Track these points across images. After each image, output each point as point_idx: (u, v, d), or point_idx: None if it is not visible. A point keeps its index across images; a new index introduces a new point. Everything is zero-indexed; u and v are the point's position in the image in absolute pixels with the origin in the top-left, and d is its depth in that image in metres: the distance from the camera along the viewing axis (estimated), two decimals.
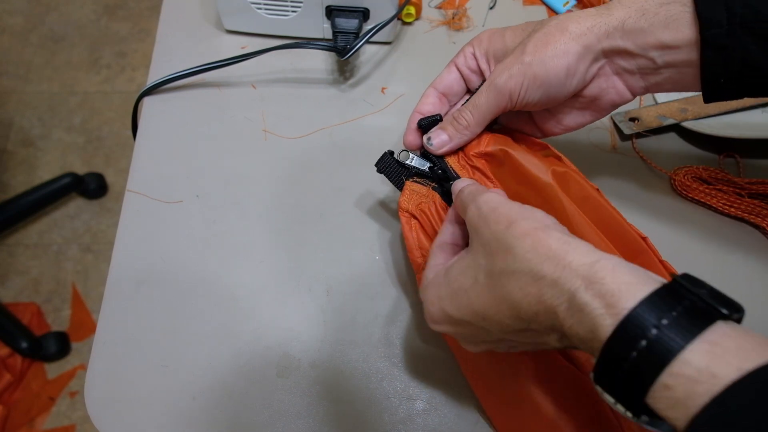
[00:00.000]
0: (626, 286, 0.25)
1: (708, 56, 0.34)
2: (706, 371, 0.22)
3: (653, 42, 0.35)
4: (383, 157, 0.44)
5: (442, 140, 0.42)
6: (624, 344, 0.24)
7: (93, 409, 0.42)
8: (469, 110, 0.40)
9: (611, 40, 0.36)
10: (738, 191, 0.51)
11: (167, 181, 0.52)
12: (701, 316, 0.23)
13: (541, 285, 0.27)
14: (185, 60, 0.58)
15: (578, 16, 0.37)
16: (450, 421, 0.42)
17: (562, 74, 0.37)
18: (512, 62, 0.38)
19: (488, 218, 0.31)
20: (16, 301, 1.28)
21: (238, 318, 0.46)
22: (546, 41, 0.37)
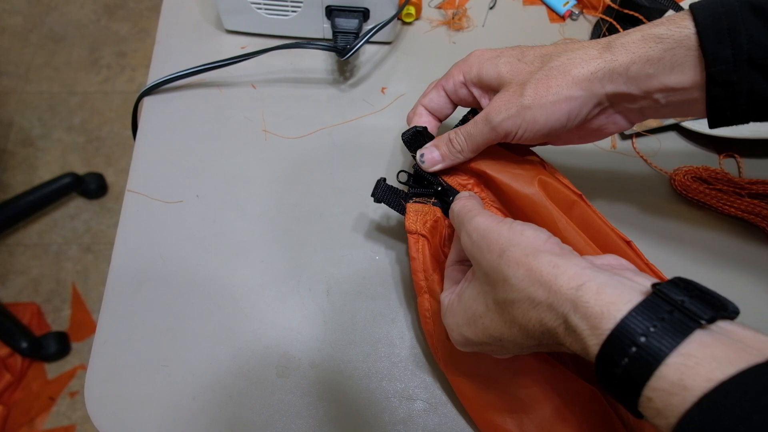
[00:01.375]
0: (608, 306, 0.26)
1: (715, 93, 0.34)
2: (678, 384, 0.23)
3: (658, 86, 0.35)
4: (378, 185, 0.44)
5: (434, 158, 0.42)
6: (609, 363, 0.25)
7: (93, 409, 0.42)
8: (463, 136, 0.41)
9: (615, 85, 0.36)
10: (738, 191, 0.51)
11: (167, 181, 0.52)
12: (679, 328, 0.24)
13: (539, 310, 0.29)
14: (185, 60, 0.58)
15: (581, 59, 0.36)
16: (450, 421, 0.42)
17: (563, 119, 0.37)
18: (510, 102, 0.38)
19: (481, 247, 0.32)
20: (16, 301, 1.28)
21: (238, 318, 0.46)
22: (547, 85, 0.36)
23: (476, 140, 0.40)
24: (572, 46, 0.38)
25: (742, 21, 0.32)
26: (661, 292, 0.26)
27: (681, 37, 0.34)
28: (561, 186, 0.41)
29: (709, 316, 0.25)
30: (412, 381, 0.44)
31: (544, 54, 0.38)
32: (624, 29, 0.56)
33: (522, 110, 0.37)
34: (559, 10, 0.64)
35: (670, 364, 0.24)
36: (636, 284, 0.27)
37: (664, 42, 0.34)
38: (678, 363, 0.23)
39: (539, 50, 0.39)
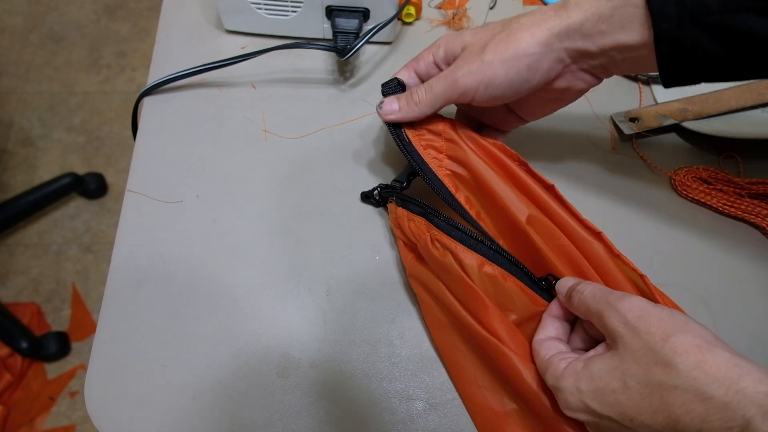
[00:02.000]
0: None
1: (663, 49, 0.35)
2: None
3: (611, 43, 0.37)
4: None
5: (392, 108, 0.43)
6: None
7: (93, 409, 0.42)
8: (425, 89, 0.42)
9: (572, 41, 0.38)
10: (738, 191, 0.51)
11: (167, 181, 0.52)
12: None
13: (708, 406, 0.27)
14: (185, 60, 0.58)
15: (538, 18, 0.38)
16: (450, 421, 0.42)
17: (523, 73, 0.39)
18: (472, 58, 0.39)
19: (638, 328, 0.31)
20: (16, 301, 1.28)
21: (238, 318, 0.46)
22: (506, 42, 0.38)
23: (435, 94, 0.41)
24: (531, 11, 0.40)
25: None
26: None
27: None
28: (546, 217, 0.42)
29: None
30: (412, 381, 0.44)
31: (505, 21, 0.40)
32: None
33: (482, 66, 0.38)
34: None
35: None
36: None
37: (613, 0, 0.36)
38: None
39: (499, 21, 0.41)
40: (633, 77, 0.58)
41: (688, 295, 0.47)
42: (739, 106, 0.55)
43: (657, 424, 0.29)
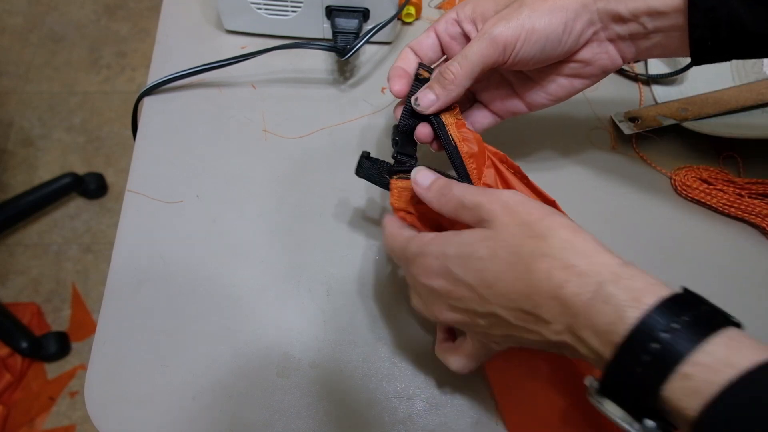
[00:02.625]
0: (651, 286, 0.27)
1: (695, 19, 0.35)
2: (724, 361, 0.24)
3: (643, 8, 0.36)
4: (361, 162, 0.42)
5: (430, 99, 0.40)
6: (646, 336, 0.25)
7: (93, 409, 0.42)
8: (457, 62, 0.39)
9: (606, 2, 0.37)
10: (738, 191, 0.51)
11: (167, 181, 0.52)
12: (717, 318, 0.26)
13: (569, 273, 0.28)
14: (185, 60, 0.58)
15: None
16: (450, 421, 0.42)
17: (559, 29, 0.37)
18: (510, 14, 0.38)
19: (517, 209, 0.32)
20: (16, 301, 1.28)
21: (238, 318, 0.46)
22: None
23: (472, 60, 0.38)
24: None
25: None
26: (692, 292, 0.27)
27: None
28: None
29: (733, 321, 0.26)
30: (412, 381, 0.44)
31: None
32: None
33: (522, 19, 0.37)
34: None
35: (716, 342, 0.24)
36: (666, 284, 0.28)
37: None
38: (725, 342, 0.24)
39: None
40: (633, 77, 0.58)
41: None
42: (739, 106, 0.55)
43: (513, 291, 0.30)
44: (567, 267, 0.29)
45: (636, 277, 0.27)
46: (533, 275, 0.29)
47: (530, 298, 0.30)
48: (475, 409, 0.43)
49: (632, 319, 0.26)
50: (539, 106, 0.44)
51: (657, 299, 0.26)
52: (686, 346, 0.24)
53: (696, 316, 0.25)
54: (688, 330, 0.25)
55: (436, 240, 0.34)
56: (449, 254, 0.33)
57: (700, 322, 0.25)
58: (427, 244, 0.34)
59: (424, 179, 0.37)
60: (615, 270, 0.28)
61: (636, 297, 0.26)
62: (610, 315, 0.27)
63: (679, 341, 0.25)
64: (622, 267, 0.28)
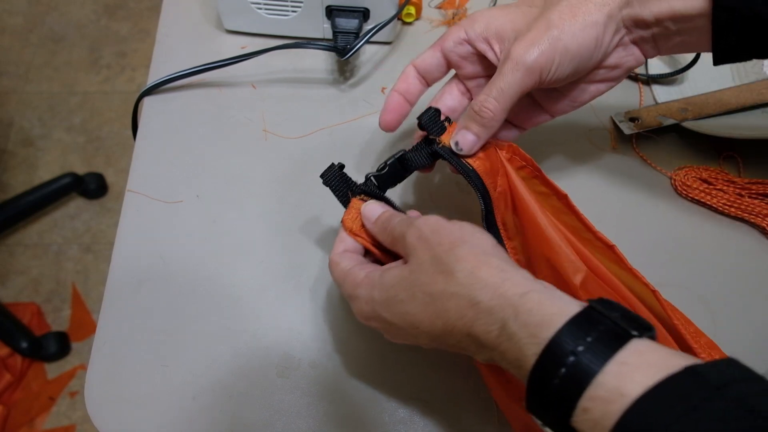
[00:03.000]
0: (549, 317, 0.27)
1: (719, 18, 0.34)
2: (616, 391, 0.23)
3: (667, 12, 0.35)
4: (330, 168, 0.41)
5: (471, 141, 0.39)
6: (546, 372, 0.26)
7: (93, 409, 0.42)
8: (493, 98, 0.37)
9: (630, 9, 0.36)
10: (738, 191, 0.51)
11: (167, 181, 0.52)
12: (614, 338, 0.25)
13: (477, 310, 0.29)
14: (185, 60, 0.58)
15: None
16: (450, 421, 0.42)
17: (591, 46, 0.37)
18: (539, 37, 0.36)
19: (430, 240, 0.32)
20: (16, 301, 1.28)
21: (238, 318, 0.46)
22: (573, 13, 0.36)
23: (509, 94, 0.37)
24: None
25: None
26: (597, 306, 0.27)
27: None
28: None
29: (638, 332, 0.25)
30: (412, 381, 0.44)
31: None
32: None
33: (553, 41, 0.36)
34: None
35: (607, 372, 0.24)
36: (573, 300, 0.28)
37: None
38: (614, 371, 0.24)
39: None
40: (633, 77, 0.58)
41: (688, 295, 0.47)
42: (739, 106, 0.55)
43: (436, 330, 0.31)
44: (474, 305, 0.29)
45: (534, 311, 0.27)
46: (448, 314, 0.30)
47: (451, 335, 0.31)
48: (476, 409, 0.43)
49: (533, 357, 0.26)
50: (563, 113, 0.43)
51: (552, 332, 0.26)
52: (583, 380, 0.24)
53: (591, 342, 0.25)
54: (584, 360, 0.25)
55: (364, 282, 0.35)
56: (376, 299, 0.34)
57: (596, 346, 0.25)
58: (357, 286, 0.35)
59: (371, 213, 0.38)
60: (515, 303, 0.28)
61: (533, 333, 0.27)
62: (516, 352, 0.27)
63: (576, 375, 0.25)
64: (523, 298, 0.28)
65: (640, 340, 0.25)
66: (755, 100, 0.55)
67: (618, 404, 0.23)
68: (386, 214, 0.37)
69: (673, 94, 0.57)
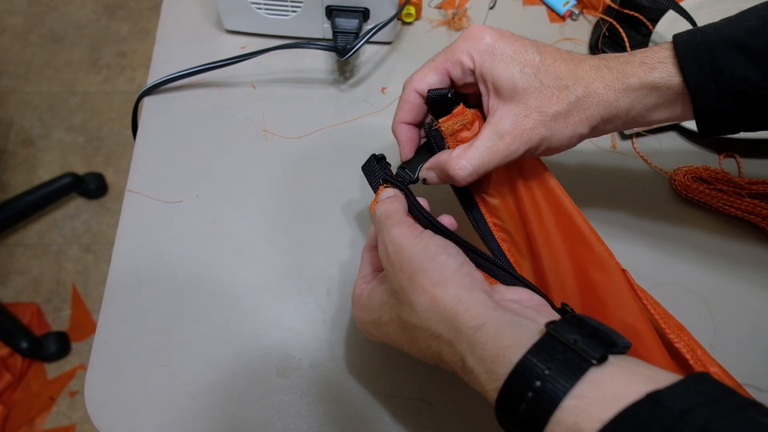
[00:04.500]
0: (503, 350, 0.27)
1: (703, 120, 0.38)
2: (574, 428, 0.23)
3: (651, 120, 0.39)
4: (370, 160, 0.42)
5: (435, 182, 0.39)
6: (508, 409, 0.26)
7: (93, 409, 0.42)
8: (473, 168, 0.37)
9: (614, 125, 0.39)
10: (738, 191, 0.51)
11: (167, 181, 0.52)
12: (572, 368, 0.25)
13: (439, 342, 0.30)
14: (185, 60, 0.58)
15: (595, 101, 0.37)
16: (450, 421, 0.42)
17: (570, 147, 0.39)
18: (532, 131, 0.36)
19: (394, 263, 0.32)
20: (16, 301, 1.28)
21: (238, 318, 0.46)
22: (566, 122, 0.37)
23: (487, 167, 0.37)
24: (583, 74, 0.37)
25: (724, 59, 0.35)
26: (555, 331, 0.26)
27: (673, 84, 0.37)
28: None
29: (600, 354, 0.25)
30: (412, 381, 0.44)
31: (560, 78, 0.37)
32: (624, 29, 0.57)
33: (542, 141, 0.38)
34: (559, 10, 0.64)
35: (565, 408, 0.24)
36: (536, 324, 0.28)
37: (659, 90, 0.37)
38: (572, 406, 0.24)
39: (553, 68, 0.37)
40: None
41: (688, 295, 0.47)
42: None
43: (416, 353, 0.33)
44: (436, 337, 0.30)
45: (488, 345, 0.27)
46: (419, 344, 0.32)
47: (428, 359, 0.32)
48: (476, 409, 0.43)
49: (494, 392, 0.27)
50: None
51: (509, 368, 0.26)
52: (541, 418, 0.24)
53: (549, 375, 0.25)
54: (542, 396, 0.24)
55: (357, 301, 0.37)
56: (365, 320, 0.36)
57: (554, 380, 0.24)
58: (353, 303, 0.38)
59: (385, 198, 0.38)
60: (470, 337, 0.28)
61: (490, 369, 0.27)
62: (478, 386, 0.28)
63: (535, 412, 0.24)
64: (478, 332, 0.28)
65: (598, 369, 0.25)
66: None
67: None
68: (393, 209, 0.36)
69: None
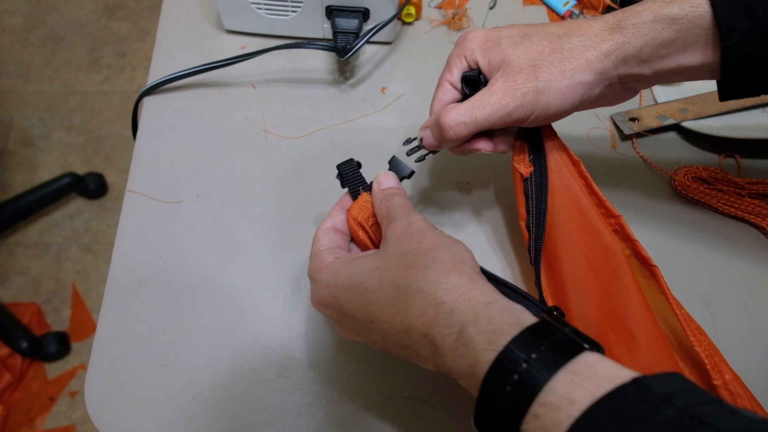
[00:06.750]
0: (506, 326, 0.27)
1: (730, 66, 0.34)
2: (566, 398, 0.24)
3: (671, 66, 0.35)
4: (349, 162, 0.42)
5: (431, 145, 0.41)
6: (500, 378, 0.26)
7: (93, 409, 0.42)
8: (463, 121, 0.37)
9: (628, 67, 0.36)
10: (738, 191, 0.51)
11: (167, 181, 0.52)
12: (566, 349, 0.26)
13: (438, 310, 0.29)
14: (185, 60, 0.58)
15: (591, 40, 0.35)
16: (450, 421, 0.42)
17: (576, 102, 0.36)
18: (524, 86, 0.36)
19: (414, 235, 0.33)
20: (16, 301, 1.28)
21: (238, 318, 0.46)
22: (562, 69, 0.35)
23: (480, 125, 0.37)
24: (579, 25, 0.36)
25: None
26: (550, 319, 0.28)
27: (695, 17, 0.33)
28: None
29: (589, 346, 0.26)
30: (412, 381, 0.44)
31: (552, 33, 0.36)
32: None
33: (536, 95, 0.36)
34: (559, 10, 0.64)
35: (559, 379, 0.25)
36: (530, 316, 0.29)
37: (678, 23, 0.33)
38: (566, 378, 0.25)
39: (543, 29, 0.37)
40: None
41: (688, 295, 0.47)
42: (739, 106, 0.55)
43: (393, 327, 0.31)
44: (436, 305, 0.29)
45: (494, 319, 0.28)
46: (409, 311, 0.30)
47: (407, 334, 0.30)
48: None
49: (487, 363, 0.27)
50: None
51: (508, 339, 0.27)
52: (535, 386, 0.25)
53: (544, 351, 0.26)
54: (536, 368, 0.25)
55: (329, 267, 0.35)
56: (339, 285, 0.33)
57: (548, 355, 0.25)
58: (320, 270, 0.35)
59: (386, 181, 0.38)
60: (477, 311, 0.28)
61: (491, 340, 0.27)
62: (470, 359, 0.28)
63: (528, 381, 0.25)
64: (485, 307, 0.29)
65: (590, 353, 0.26)
66: (755, 100, 0.55)
67: (567, 412, 0.23)
68: (395, 190, 0.38)
69: (673, 94, 0.57)
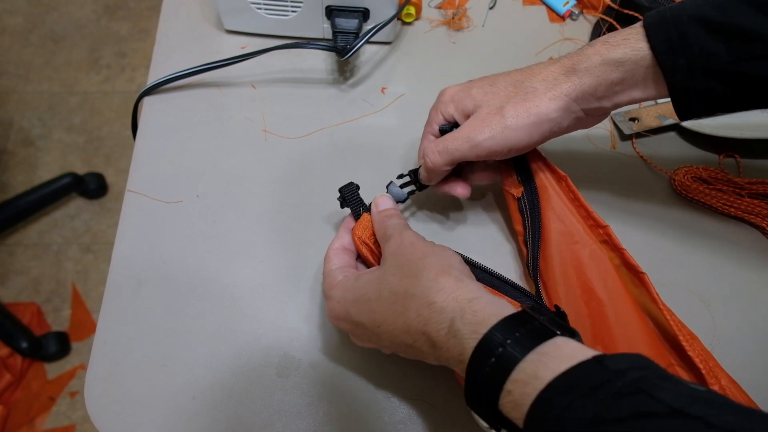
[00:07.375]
0: (488, 317, 0.31)
1: (678, 96, 0.38)
2: (532, 375, 0.28)
3: (626, 99, 0.40)
4: (349, 185, 0.45)
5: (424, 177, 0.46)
6: (481, 360, 0.30)
7: (93, 409, 0.42)
8: (438, 152, 0.43)
9: (587, 103, 0.40)
10: (738, 191, 0.51)
11: (167, 181, 0.52)
12: (539, 334, 0.30)
13: (431, 310, 0.33)
14: (185, 60, 0.58)
15: (550, 82, 0.40)
16: (450, 421, 0.42)
17: (546, 135, 0.41)
18: (491, 121, 0.40)
19: (407, 248, 0.37)
20: (16, 301, 1.28)
21: (238, 318, 0.46)
22: (526, 107, 0.40)
23: (453, 156, 0.42)
24: (539, 70, 0.41)
25: (692, 35, 0.36)
26: (528, 310, 0.32)
27: (638, 59, 0.37)
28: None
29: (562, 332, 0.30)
30: (413, 381, 0.44)
31: (516, 80, 0.41)
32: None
33: (505, 131, 0.40)
34: (559, 10, 0.64)
35: (529, 360, 0.28)
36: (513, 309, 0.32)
37: (624, 65, 0.38)
38: (535, 359, 0.28)
39: (509, 76, 0.42)
40: None
41: (688, 295, 0.47)
42: None
43: (396, 329, 0.35)
44: (430, 305, 0.33)
45: (478, 312, 0.32)
46: (408, 313, 0.34)
47: (409, 334, 0.34)
48: None
49: (471, 349, 0.30)
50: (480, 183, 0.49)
51: (488, 328, 0.30)
52: (508, 366, 0.28)
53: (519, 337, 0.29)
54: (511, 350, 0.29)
55: (340, 285, 0.39)
56: (348, 299, 0.38)
57: (522, 340, 0.29)
58: (333, 288, 0.39)
59: (382, 204, 0.43)
60: (463, 306, 0.32)
61: (474, 329, 0.31)
62: (459, 347, 0.31)
63: (503, 362, 0.29)
64: (470, 302, 0.32)
65: (561, 338, 0.29)
66: None
67: (533, 386, 0.27)
68: (391, 211, 0.42)
69: None
